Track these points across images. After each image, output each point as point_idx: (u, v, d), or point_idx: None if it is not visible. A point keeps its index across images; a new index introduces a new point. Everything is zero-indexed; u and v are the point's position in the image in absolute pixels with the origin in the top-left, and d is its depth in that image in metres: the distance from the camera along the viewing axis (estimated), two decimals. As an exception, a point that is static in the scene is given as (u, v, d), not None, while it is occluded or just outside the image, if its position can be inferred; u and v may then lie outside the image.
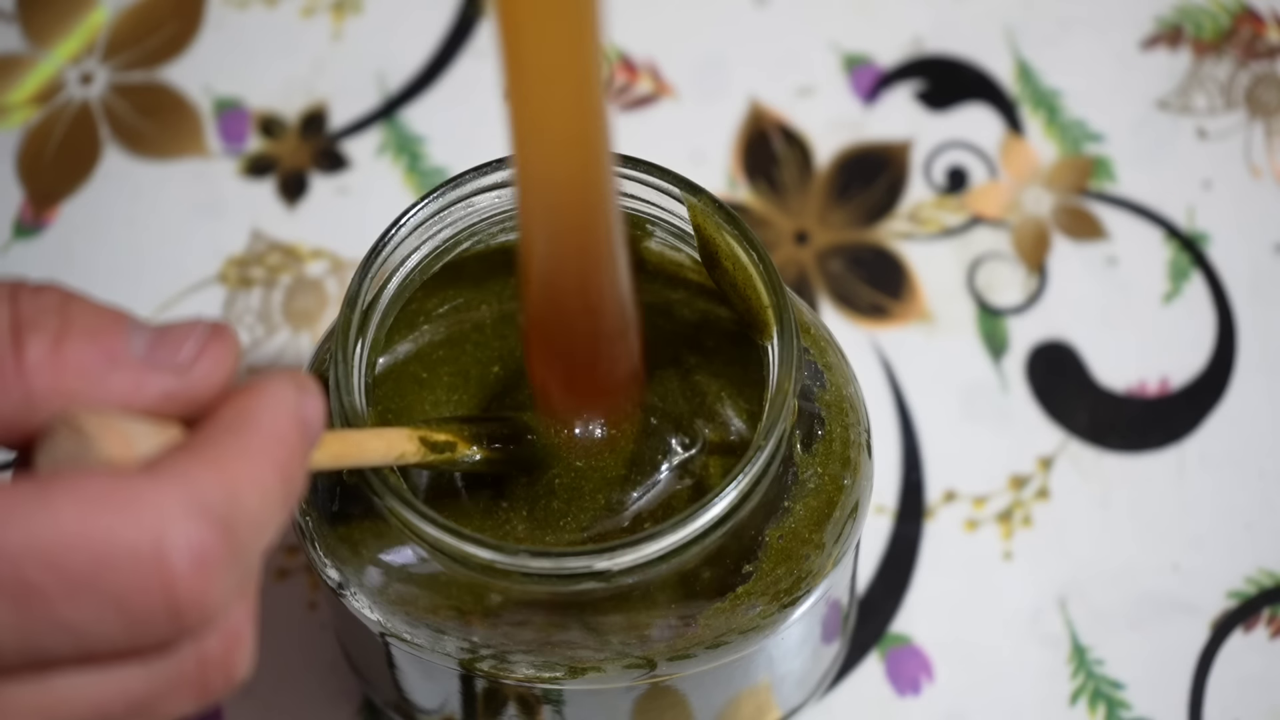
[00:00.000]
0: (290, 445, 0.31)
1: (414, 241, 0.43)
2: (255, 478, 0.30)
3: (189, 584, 0.28)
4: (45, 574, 0.27)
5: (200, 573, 0.28)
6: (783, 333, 0.41)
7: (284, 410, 0.31)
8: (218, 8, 0.64)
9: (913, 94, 0.63)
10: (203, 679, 0.30)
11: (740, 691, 0.48)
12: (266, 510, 0.30)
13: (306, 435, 0.31)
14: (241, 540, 0.29)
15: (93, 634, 0.28)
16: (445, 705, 0.48)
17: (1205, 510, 0.56)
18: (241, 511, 0.29)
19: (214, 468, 0.29)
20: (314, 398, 0.32)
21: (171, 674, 0.30)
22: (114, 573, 0.28)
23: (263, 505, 0.30)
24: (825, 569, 0.43)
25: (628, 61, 0.64)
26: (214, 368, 0.31)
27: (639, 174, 0.43)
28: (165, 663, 0.30)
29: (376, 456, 0.39)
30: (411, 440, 0.40)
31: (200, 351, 0.31)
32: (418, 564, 0.41)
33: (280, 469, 0.30)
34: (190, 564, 0.28)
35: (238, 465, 0.30)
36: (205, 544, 0.28)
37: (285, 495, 0.31)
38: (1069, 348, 0.59)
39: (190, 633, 0.29)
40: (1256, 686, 0.54)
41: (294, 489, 0.31)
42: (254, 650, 0.31)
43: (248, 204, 0.61)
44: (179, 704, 0.30)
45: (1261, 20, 0.64)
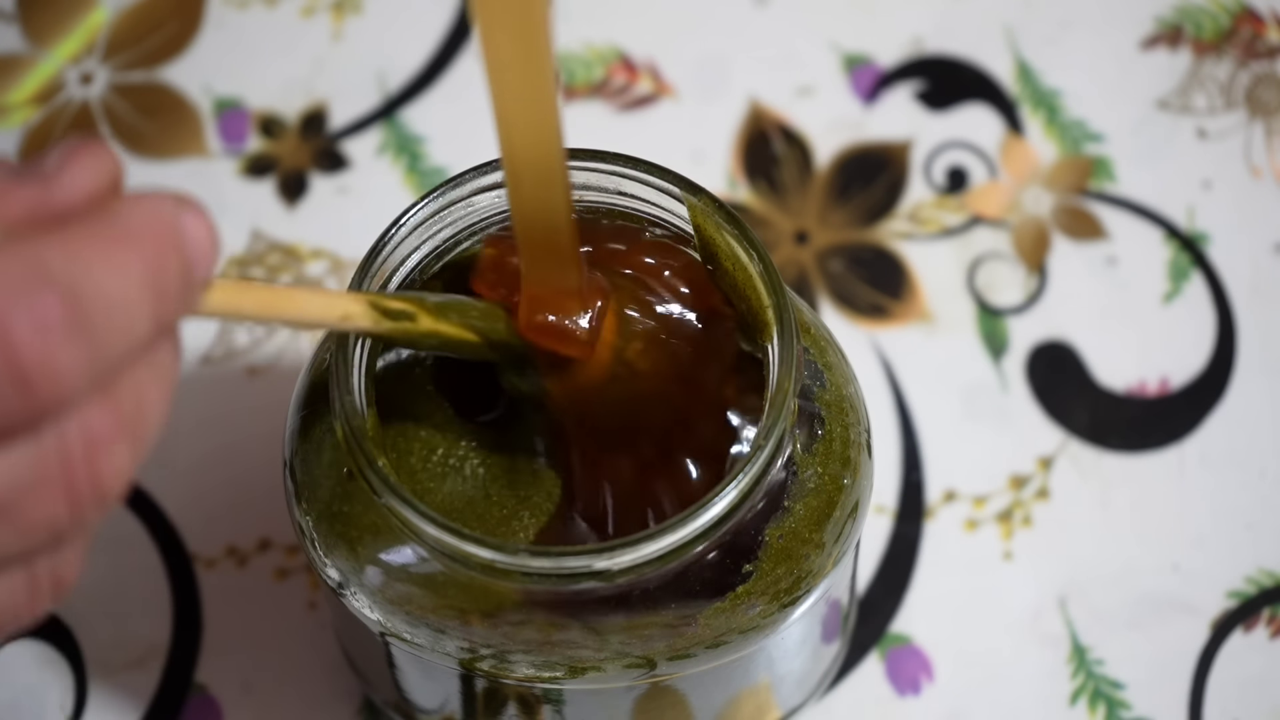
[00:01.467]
0: (158, 241, 0.29)
1: (414, 241, 0.43)
2: (112, 261, 0.29)
3: (31, 347, 0.27)
4: None
5: (42, 336, 0.27)
6: (783, 333, 0.41)
7: (151, 210, 0.30)
8: (218, 8, 0.65)
9: (913, 94, 0.63)
10: (67, 477, 0.29)
11: (740, 691, 0.48)
12: (126, 299, 0.29)
13: (180, 241, 0.30)
14: (93, 317, 0.28)
15: None
16: (445, 705, 0.48)
17: (1205, 510, 0.56)
18: (93, 287, 0.28)
19: (63, 243, 0.28)
20: (194, 211, 0.30)
21: (31, 462, 0.29)
22: None
23: (122, 292, 0.29)
24: (825, 569, 0.43)
25: (628, 61, 0.64)
26: (80, 173, 0.30)
27: (639, 174, 0.43)
28: (23, 448, 0.29)
29: (314, 312, 0.37)
30: (359, 302, 0.38)
31: (67, 159, 0.30)
32: (418, 564, 0.42)
33: (145, 262, 0.29)
34: (31, 326, 0.27)
35: (92, 245, 0.28)
36: (48, 310, 0.27)
37: (153, 294, 0.29)
38: (1069, 348, 0.59)
39: (43, 408, 0.28)
40: (1256, 686, 0.54)
41: (166, 293, 0.30)
42: (126, 468, 0.30)
43: (248, 204, 0.61)
44: (44, 504, 0.29)
45: (1261, 20, 0.64)
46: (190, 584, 0.56)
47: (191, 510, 0.56)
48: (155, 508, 0.57)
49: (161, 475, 0.57)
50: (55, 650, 0.55)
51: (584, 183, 0.43)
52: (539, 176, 0.39)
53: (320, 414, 0.43)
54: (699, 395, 0.43)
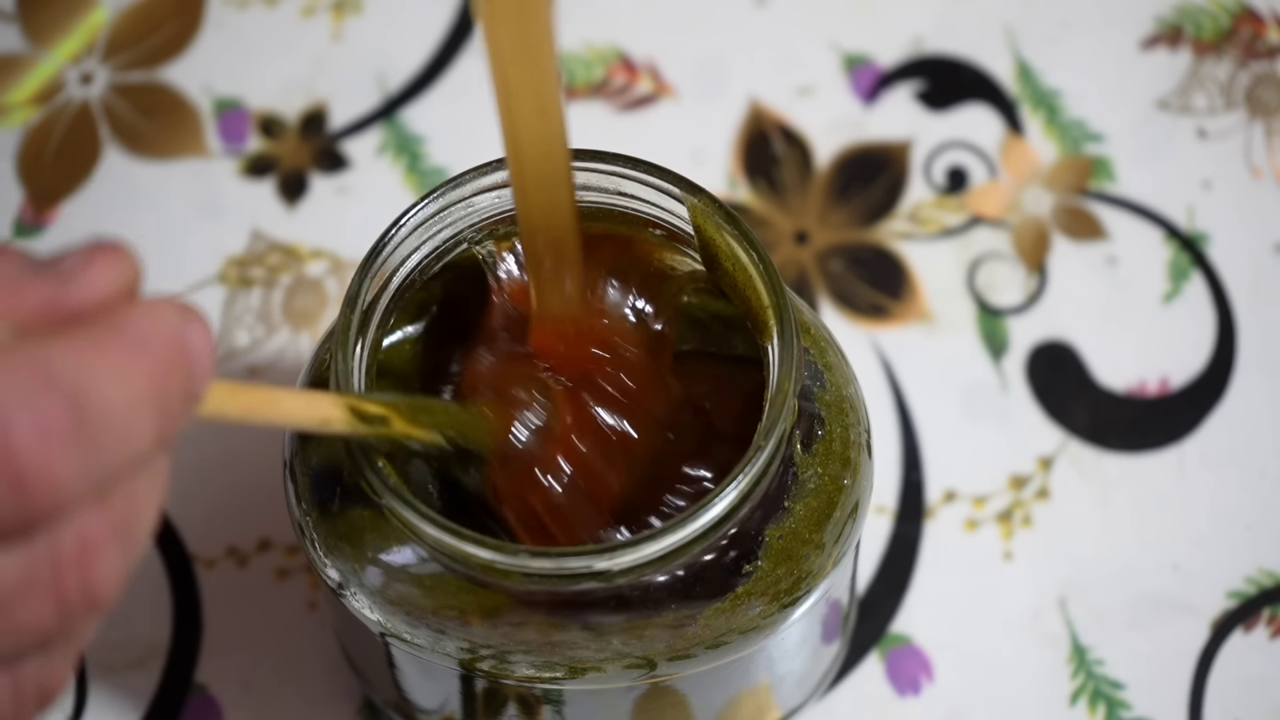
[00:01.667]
0: (165, 354, 0.29)
1: (414, 241, 0.43)
2: (119, 370, 0.29)
3: (31, 454, 0.27)
4: None
5: (43, 443, 0.27)
6: (783, 333, 0.41)
7: (160, 320, 0.30)
8: (218, 8, 0.64)
9: (913, 94, 0.63)
10: (57, 581, 0.29)
11: (740, 691, 0.48)
12: (130, 410, 0.29)
13: (186, 355, 0.30)
14: (96, 427, 0.28)
15: None
16: (445, 705, 0.48)
17: (1205, 510, 0.56)
18: (98, 396, 0.28)
19: (71, 347, 0.28)
20: (198, 324, 0.30)
21: (22, 565, 0.28)
22: None
23: (126, 401, 0.29)
24: (825, 569, 0.43)
25: (628, 61, 0.64)
26: (97, 276, 0.30)
27: (639, 174, 0.43)
28: (15, 551, 0.28)
29: (295, 416, 0.37)
30: (338, 407, 0.38)
31: (85, 261, 0.30)
32: (418, 564, 0.41)
33: (150, 372, 0.29)
34: (33, 432, 0.27)
35: (100, 352, 0.28)
36: (51, 415, 0.27)
37: (157, 407, 0.29)
38: (1069, 348, 0.59)
39: (39, 514, 0.28)
40: (1256, 686, 0.54)
41: (169, 407, 0.30)
42: (118, 575, 0.30)
43: (248, 204, 0.61)
44: (33, 608, 0.29)
45: (1261, 20, 0.64)
46: (190, 584, 0.56)
47: (191, 510, 0.56)
48: (155, 508, 0.56)
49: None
50: (55, 650, 0.55)
51: (584, 183, 0.43)
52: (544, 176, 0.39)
53: (320, 414, 0.43)
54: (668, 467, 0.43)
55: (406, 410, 0.40)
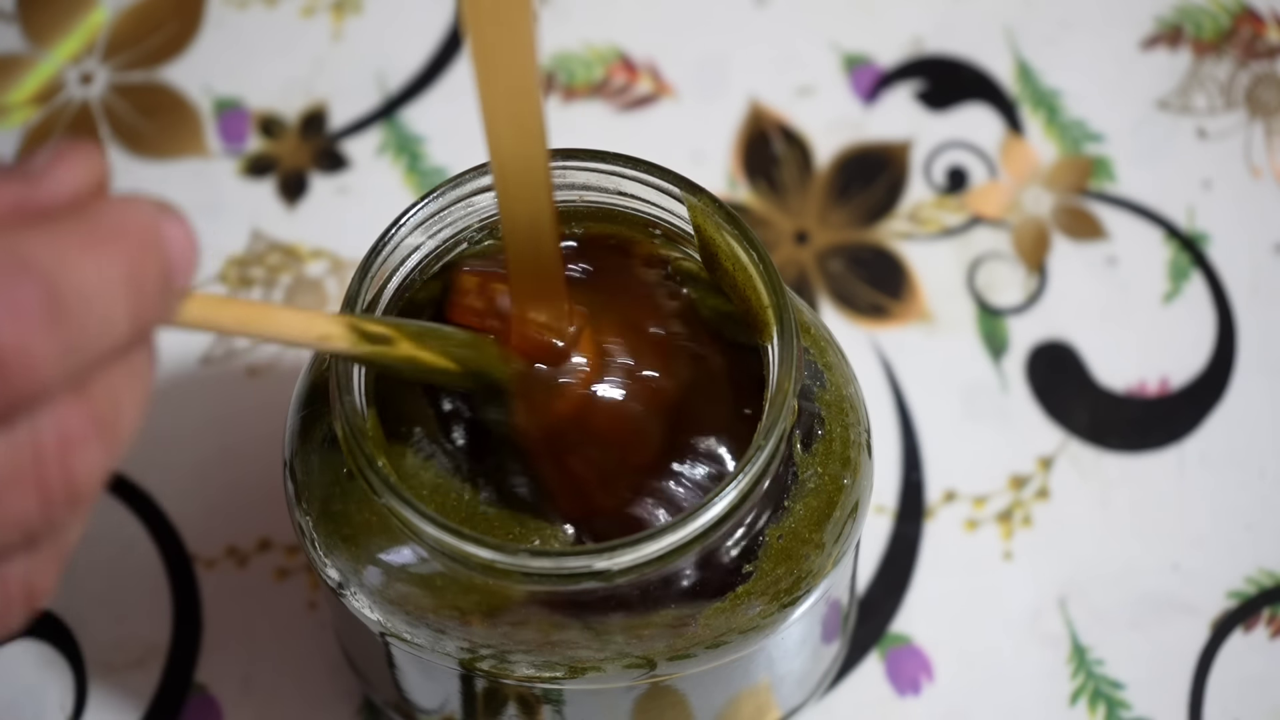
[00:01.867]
0: (138, 240, 0.29)
1: (414, 241, 0.43)
2: (92, 255, 0.28)
3: (6, 334, 0.27)
4: None
5: (17, 322, 0.27)
6: (783, 333, 0.41)
7: (133, 210, 0.30)
8: (218, 8, 0.65)
9: (913, 94, 0.63)
10: (39, 472, 0.29)
11: (740, 691, 0.48)
12: (105, 294, 0.29)
13: (161, 243, 0.30)
14: (70, 308, 0.28)
15: None
16: (445, 705, 0.48)
17: (1205, 510, 0.56)
18: (72, 279, 0.28)
19: (42, 234, 0.28)
20: (175, 217, 0.30)
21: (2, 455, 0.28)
22: None
23: (100, 284, 0.28)
24: (825, 569, 0.43)
25: (628, 61, 0.64)
26: (66, 172, 0.30)
27: (639, 174, 0.43)
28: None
29: (292, 330, 0.36)
30: (338, 324, 0.38)
31: (54, 159, 0.30)
32: (418, 564, 0.41)
33: (124, 260, 0.29)
34: (6, 312, 0.27)
35: (72, 239, 0.28)
36: (24, 296, 0.27)
37: (132, 293, 0.29)
38: (1069, 348, 0.59)
39: (16, 397, 0.28)
40: (1256, 686, 0.54)
41: (145, 294, 0.29)
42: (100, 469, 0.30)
43: (248, 204, 0.61)
44: (16, 499, 0.29)
45: (1261, 20, 0.64)
46: (190, 584, 0.56)
47: (191, 510, 0.56)
48: (155, 508, 0.57)
49: (161, 475, 0.57)
50: (55, 650, 0.55)
51: (584, 183, 0.43)
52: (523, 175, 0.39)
53: (320, 414, 0.43)
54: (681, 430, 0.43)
55: (412, 333, 0.39)
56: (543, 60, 0.63)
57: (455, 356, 0.40)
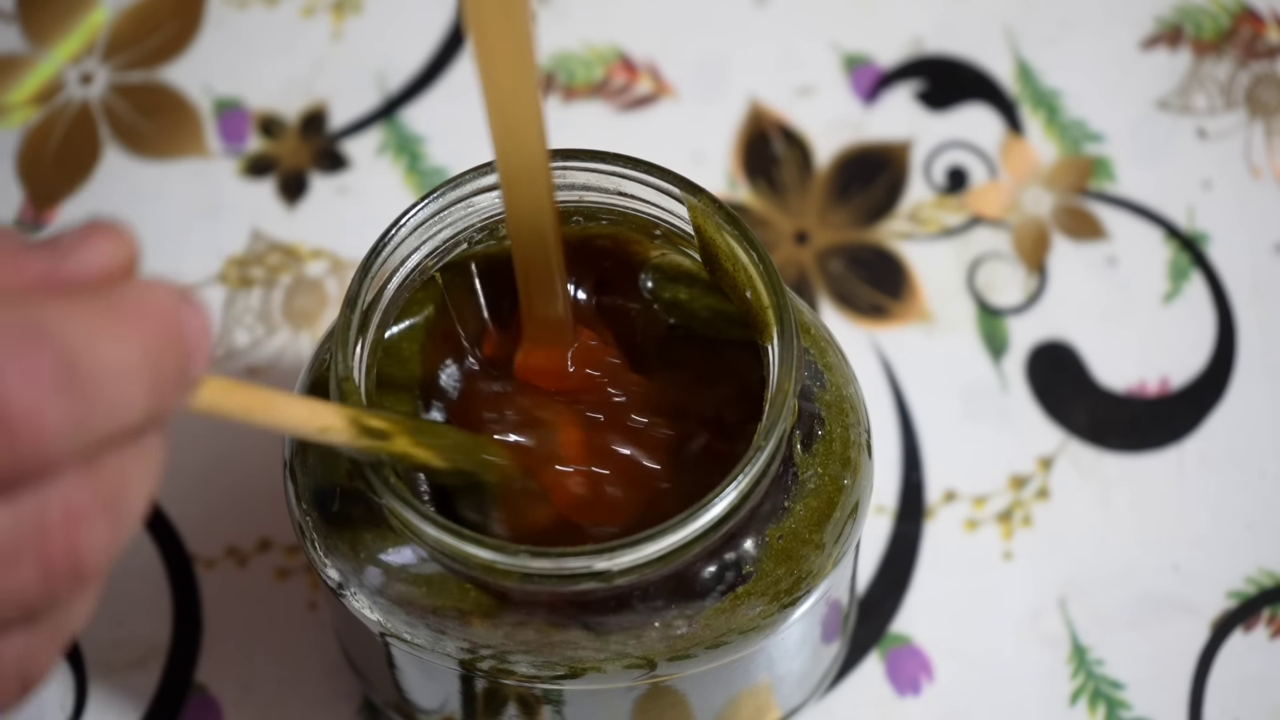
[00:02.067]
0: (159, 326, 0.29)
1: (414, 242, 0.43)
2: (112, 333, 0.28)
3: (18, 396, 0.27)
4: None
5: (31, 390, 0.27)
6: (783, 333, 0.41)
7: (156, 295, 0.29)
8: (218, 8, 0.65)
9: (913, 94, 0.63)
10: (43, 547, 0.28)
11: (740, 691, 0.48)
12: (122, 373, 0.28)
13: (180, 331, 0.30)
14: (86, 382, 0.28)
15: None
16: (445, 705, 0.48)
17: (1205, 510, 0.56)
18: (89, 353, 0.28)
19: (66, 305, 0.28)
20: (195, 306, 0.30)
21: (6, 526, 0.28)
22: None
23: (117, 364, 0.28)
24: (825, 569, 0.43)
25: (628, 61, 0.64)
26: (94, 251, 0.30)
27: (639, 174, 0.43)
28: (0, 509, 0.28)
29: (294, 421, 0.37)
30: (340, 416, 0.38)
31: (82, 237, 0.30)
32: (418, 564, 0.41)
33: (143, 341, 0.29)
34: (20, 376, 0.27)
35: (94, 315, 0.28)
36: (40, 364, 0.27)
37: (149, 377, 0.29)
38: (1069, 348, 0.59)
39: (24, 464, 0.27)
40: (1256, 686, 0.54)
41: (162, 380, 0.29)
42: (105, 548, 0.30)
43: (248, 204, 0.61)
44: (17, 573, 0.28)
45: (1261, 20, 0.64)
46: (190, 584, 0.56)
47: (191, 510, 0.56)
48: (155, 508, 0.56)
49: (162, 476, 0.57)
50: (55, 650, 0.55)
51: (584, 183, 0.43)
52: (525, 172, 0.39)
53: (320, 414, 0.43)
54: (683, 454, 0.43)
55: (411, 429, 0.40)
56: (543, 60, 0.63)
57: (448, 456, 0.41)
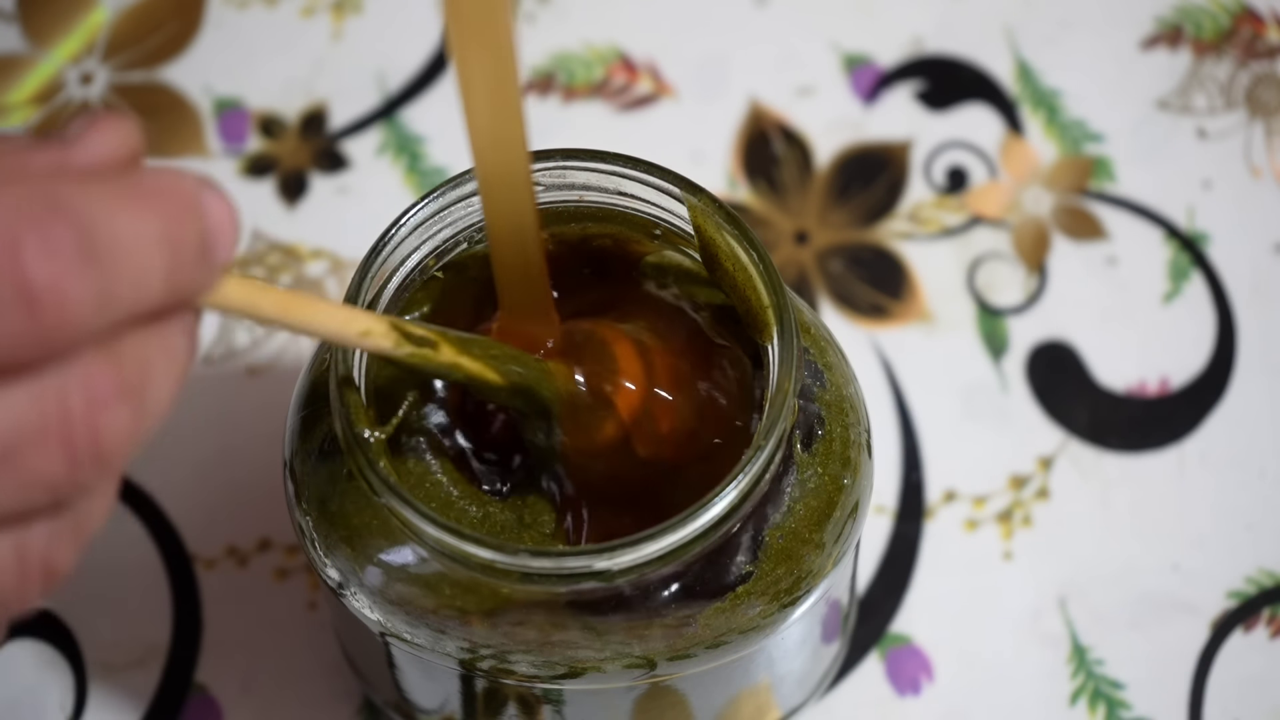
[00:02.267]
0: (177, 204, 0.29)
1: (414, 241, 0.43)
2: (129, 210, 0.28)
3: (40, 269, 0.27)
4: None
5: (52, 260, 0.27)
6: (783, 333, 0.41)
7: (173, 177, 0.29)
8: (218, 8, 0.65)
9: (913, 94, 0.63)
10: (66, 430, 0.28)
11: (740, 691, 0.48)
12: (140, 247, 0.28)
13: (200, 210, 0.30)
14: (105, 255, 0.28)
15: None
16: (445, 705, 0.48)
17: (1205, 510, 0.56)
18: (108, 227, 0.28)
19: (81, 185, 0.28)
20: (218, 193, 0.30)
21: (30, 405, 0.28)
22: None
23: (136, 239, 0.28)
24: (825, 569, 0.43)
25: (628, 61, 0.64)
26: (101, 138, 0.30)
27: (639, 174, 0.43)
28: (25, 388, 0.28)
29: (334, 323, 0.36)
30: (381, 322, 0.37)
31: (88, 125, 0.30)
32: (418, 564, 0.41)
33: (162, 219, 0.29)
34: (42, 250, 0.27)
35: (110, 192, 0.28)
36: (60, 237, 0.27)
37: (168, 252, 0.29)
38: (1069, 348, 0.59)
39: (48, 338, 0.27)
40: (1256, 686, 0.54)
41: (181, 256, 0.29)
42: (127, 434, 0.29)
43: (248, 204, 0.61)
44: (43, 456, 0.28)
45: (1261, 20, 0.64)
46: (190, 584, 0.56)
47: (191, 510, 0.56)
48: (155, 508, 0.57)
49: (161, 475, 0.57)
50: (55, 650, 0.55)
51: (584, 183, 0.43)
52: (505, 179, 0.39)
53: (320, 414, 0.43)
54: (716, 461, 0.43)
55: (456, 340, 0.39)
56: (543, 60, 0.63)
57: (501, 370, 0.40)
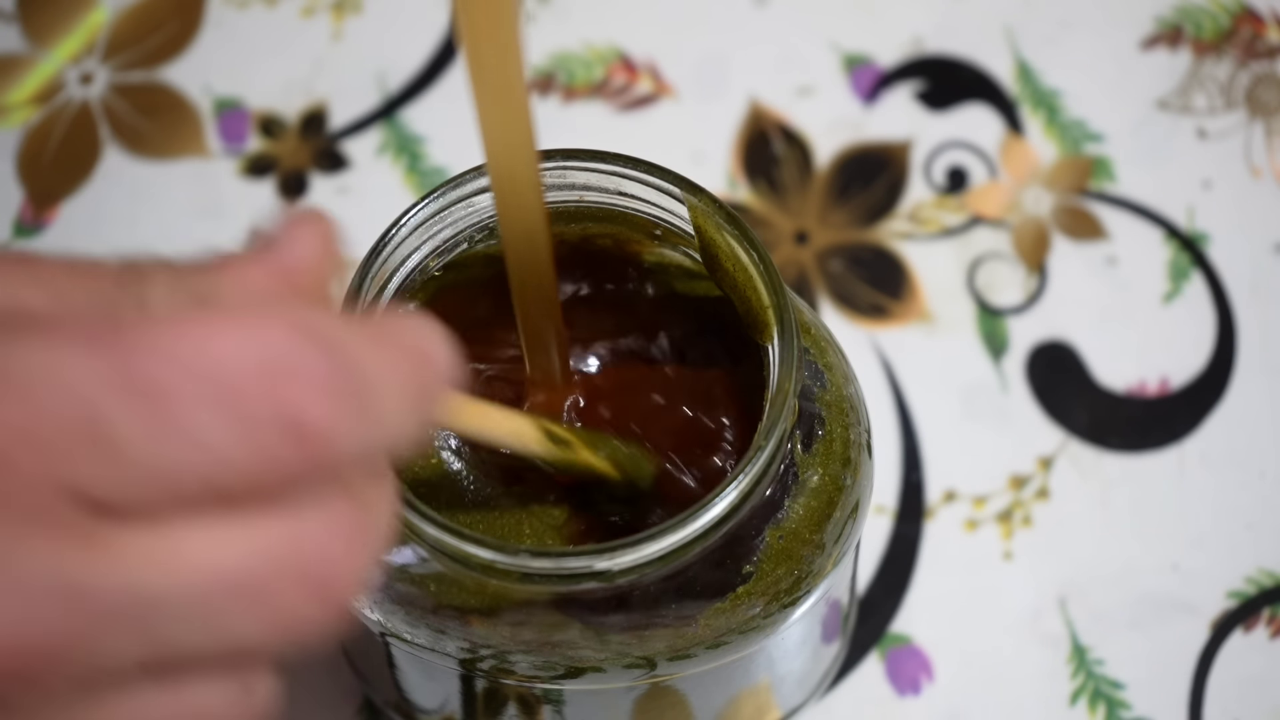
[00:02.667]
0: (423, 355, 0.29)
1: (414, 242, 0.43)
2: (383, 349, 0.28)
3: (314, 403, 0.26)
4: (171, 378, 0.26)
5: (321, 394, 0.26)
6: (783, 333, 0.41)
7: (419, 325, 0.29)
8: (218, 8, 0.65)
9: (913, 94, 0.63)
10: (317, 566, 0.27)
11: (740, 691, 0.48)
12: (391, 392, 0.28)
13: (440, 366, 0.29)
14: (366, 400, 0.27)
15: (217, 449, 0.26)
16: (445, 705, 0.48)
17: (1205, 510, 0.56)
18: (369, 371, 0.27)
19: (335, 318, 0.28)
20: (444, 341, 0.30)
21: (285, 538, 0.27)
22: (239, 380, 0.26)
23: (390, 380, 0.28)
24: (825, 569, 0.43)
25: (628, 61, 0.64)
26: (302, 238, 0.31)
27: (639, 174, 0.43)
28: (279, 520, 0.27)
29: (504, 433, 0.39)
30: (533, 425, 0.40)
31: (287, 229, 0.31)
32: (418, 564, 0.41)
33: (409, 366, 0.29)
34: (312, 383, 0.26)
35: (367, 334, 0.28)
36: (332, 380, 0.27)
37: (412, 396, 0.29)
38: (1069, 348, 0.59)
39: (307, 476, 0.27)
40: (1256, 686, 0.54)
41: (421, 406, 0.29)
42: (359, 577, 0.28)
43: (248, 204, 0.61)
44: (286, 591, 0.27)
45: (1261, 20, 0.64)
46: (190, 584, 0.56)
47: (191, 510, 0.56)
48: (155, 508, 0.56)
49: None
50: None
51: (584, 183, 0.43)
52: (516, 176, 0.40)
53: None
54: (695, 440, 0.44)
55: (587, 438, 0.41)
56: (542, 60, 0.63)
57: (615, 462, 0.42)
